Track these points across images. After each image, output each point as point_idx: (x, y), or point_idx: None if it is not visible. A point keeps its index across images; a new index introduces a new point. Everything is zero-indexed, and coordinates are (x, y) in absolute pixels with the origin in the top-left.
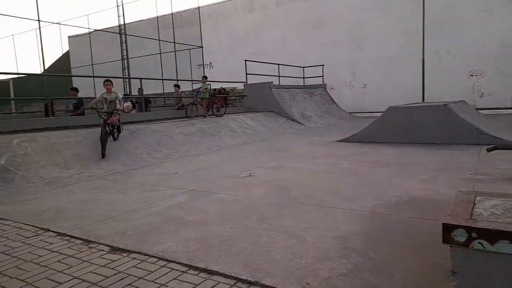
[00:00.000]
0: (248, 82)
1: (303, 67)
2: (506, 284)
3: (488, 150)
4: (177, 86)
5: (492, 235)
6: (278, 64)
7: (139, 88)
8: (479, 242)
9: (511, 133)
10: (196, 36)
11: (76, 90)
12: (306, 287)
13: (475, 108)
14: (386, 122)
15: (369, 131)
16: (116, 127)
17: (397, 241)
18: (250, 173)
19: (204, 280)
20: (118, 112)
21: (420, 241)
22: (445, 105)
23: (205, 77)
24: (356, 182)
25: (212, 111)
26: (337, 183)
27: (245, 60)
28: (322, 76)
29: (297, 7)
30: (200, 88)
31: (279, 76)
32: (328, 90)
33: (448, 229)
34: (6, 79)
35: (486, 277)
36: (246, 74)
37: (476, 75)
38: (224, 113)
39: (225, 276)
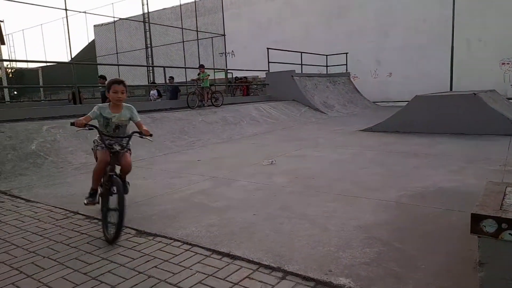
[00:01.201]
0: (270, 71)
1: (326, 55)
2: None
3: None
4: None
5: None
6: (301, 52)
7: (170, 77)
8: (510, 233)
9: None
10: (219, 25)
11: (104, 78)
12: (328, 274)
13: (506, 98)
14: (413, 111)
15: (394, 121)
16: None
17: (422, 232)
18: (272, 161)
19: (227, 265)
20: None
21: (447, 232)
22: (474, 94)
23: (202, 66)
24: (380, 172)
25: (211, 101)
26: (360, 173)
27: (267, 48)
28: (346, 65)
29: None
30: (199, 76)
31: (301, 65)
32: (351, 79)
33: (477, 219)
34: (36, 68)
35: None
36: (269, 62)
37: (508, 64)
38: (222, 104)
39: (248, 261)
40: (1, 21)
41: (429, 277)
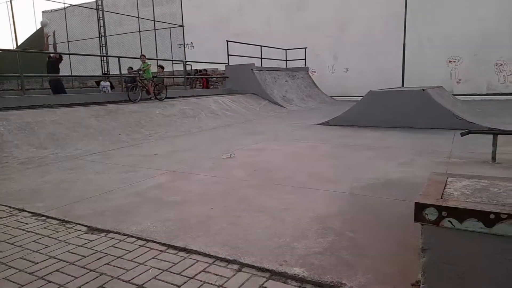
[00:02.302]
0: (230, 64)
1: (286, 50)
2: (472, 259)
3: (462, 135)
4: (161, 67)
5: (461, 214)
6: (261, 46)
7: (129, 67)
8: (449, 221)
9: (484, 118)
10: (177, 15)
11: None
12: (283, 264)
13: (452, 94)
14: (367, 106)
15: (350, 115)
16: None
17: (373, 221)
18: (230, 155)
19: (183, 259)
20: None
21: (395, 221)
22: (423, 90)
23: (143, 56)
24: (335, 165)
25: (154, 95)
26: (317, 165)
27: (227, 41)
28: (305, 59)
29: None
30: (141, 67)
31: (261, 58)
32: (310, 74)
33: (420, 208)
34: None
35: (454, 253)
36: (228, 55)
37: (454, 62)
38: (166, 97)
39: (204, 254)
40: None
41: (377, 263)
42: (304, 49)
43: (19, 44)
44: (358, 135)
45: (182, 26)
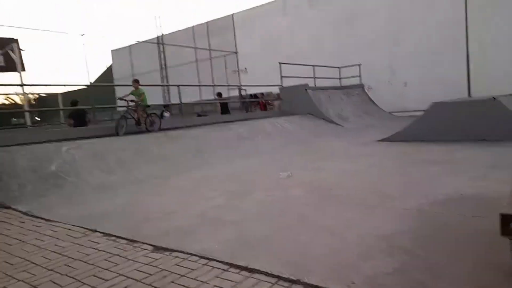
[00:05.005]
0: (284, 85)
1: (339, 68)
2: None
3: None
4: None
5: None
6: (313, 66)
7: (218, 93)
8: None
9: None
10: (231, 42)
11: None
12: (351, 286)
13: None
14: (431, 119)
15: (412, 130)
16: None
17: (446, 240)
18: (288, 174)
19: (246, 278)
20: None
21: (472, 239)
22: (494, 98)
23: (136, 81)
24: (399, 181)
25: (145, 125)
26: (379, 182)
27: (280, 63)
28: (359, 76)
29: (331, 4)
30: (130, 95)
31: (314, 78)
32: (366, 90)
33: (507, 220)
34: (55, 93)
35: None
36: (281, 77)
37: None
38: (159, 129)
39: (267, 274)
40: (23, 50)
41: (456, 285)
42: (358, 65)
43: (92, 81)
44: (422, 150)
45: (236, 52)
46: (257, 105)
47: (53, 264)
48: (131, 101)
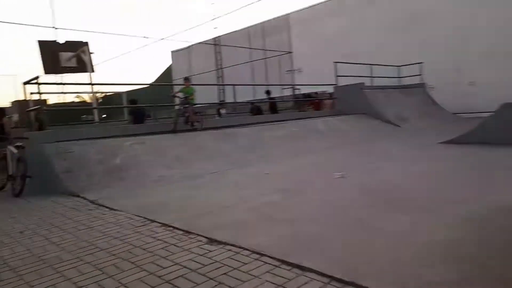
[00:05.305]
0: (339, 85)
1: (399, 66)
2: None
3: None
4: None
5: None
6: (371, 64)
7: (266, 91)
8: None
9: None
10: (286, 43)
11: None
12: None
13: None
14: (501, 120)
15: (480, 131)
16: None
17: None
18: (342, 174)
19: (298, 276)
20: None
21: None
22: None
23: (187, 79)
24: (463, 185)
25: (191, 123)
26: (442, 185)
27: (335, 62)
28: (421, 75)
29: (391, 2)
30: (180, 92)
31: (371, 77)
32: (427, 90)
33: None
34: (120, 92)
35: None
36: (336, 76)
37: None
38: (201, 128)
39: (319, 273)
40: (92, 53)
41: None
42: (419, 64)
43: (153, 80)
44: (492, 153)
45: (290, 52)
46: (310, 104)
47: (116, 249)
48: (184, 98)
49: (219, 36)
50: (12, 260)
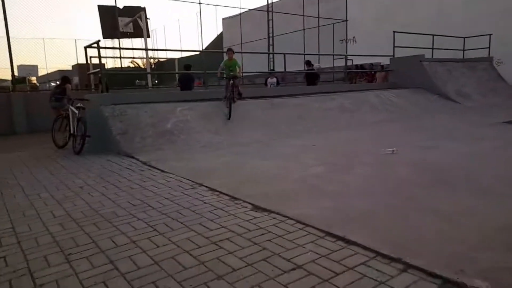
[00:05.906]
0: (396, 56)
1: (464, 38)
2: None
3: None
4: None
5: None
6: (433, 35)
7: (307, 60)
8: None
9: None
10: (342, 10)
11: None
12: (459, 273)
13: None
14: None
15: None
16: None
17: None
18: (393, 150)
19: (342, 248)
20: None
21: None
22: None
23: (231, 50)
24: None
25: (233, 96)
26: (504, 167)
27: (394, 32)
28: (489, 48)
29: None
30: (224, 65)
31: (432, 49)
32: (494, 64)
33: None
34: (173, 58)
35: None
36: (394, 46)
37: None
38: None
39: (364, 248)
40: (148, 19)
41: None
42: (488, 36)
43: (204, 47)
44: None
45: (346, 20)
46: (362, 76)
47: (166, 209)
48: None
49: (272, 3)
50: (74, 213)
